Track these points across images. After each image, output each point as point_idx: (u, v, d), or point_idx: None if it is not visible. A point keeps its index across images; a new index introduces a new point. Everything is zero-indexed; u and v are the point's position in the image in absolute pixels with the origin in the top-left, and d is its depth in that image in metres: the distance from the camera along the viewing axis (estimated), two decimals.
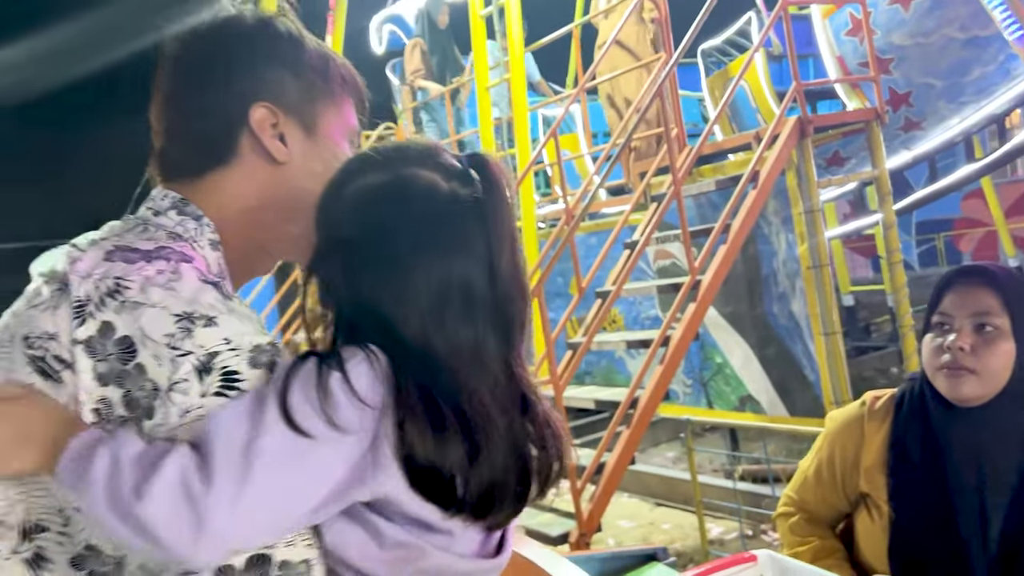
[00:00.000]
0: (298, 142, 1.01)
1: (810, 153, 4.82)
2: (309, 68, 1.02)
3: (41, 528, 0.82)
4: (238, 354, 0.82)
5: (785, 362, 5.07)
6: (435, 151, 0.94)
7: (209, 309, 0.83)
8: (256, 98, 0.98)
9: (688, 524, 5.08)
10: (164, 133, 1.02)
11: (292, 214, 1.01)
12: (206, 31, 1.01)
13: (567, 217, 4.89)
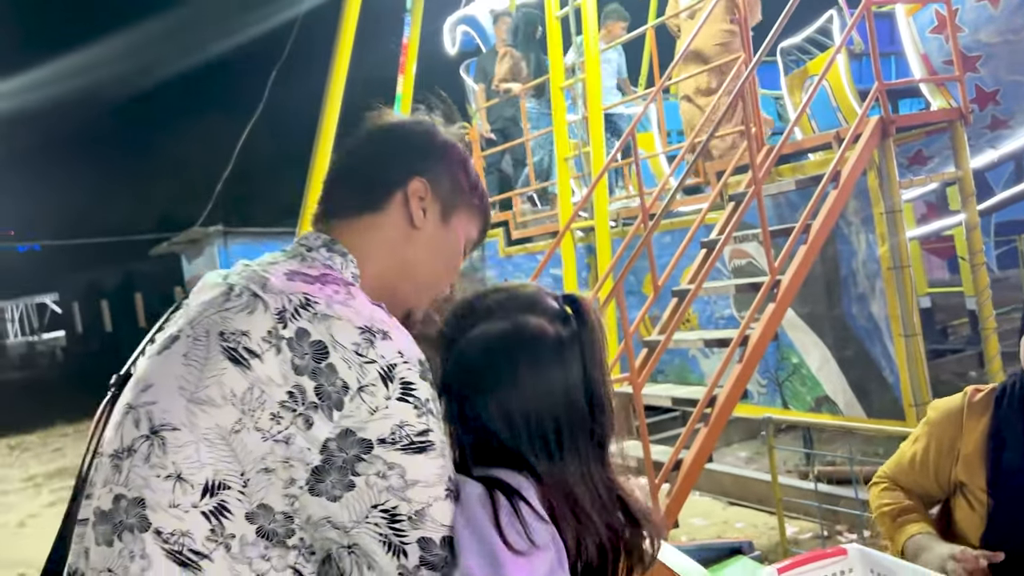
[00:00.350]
0: (432, 221, 1.25)
1: (892, 153, 4.79)
2: (463, 181, 1.30)
3: (224, 485, 0.98)
4: (411, 367, 1.02)
5: (864, 363, 5.03)
6: (539, 297, 1.18)
7: (383, 324, 1.04)
8: (420, 174, 1.24)
9: (762, 523, 5.09)
10: (339, 174, 1.28)
11: (408, 274, 1.24)
12: (415, 122, 1.30)
13: (643, 216, 4.94)
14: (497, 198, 9.11)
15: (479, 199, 1.32)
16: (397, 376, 1.00)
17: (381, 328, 1.03)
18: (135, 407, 1.04)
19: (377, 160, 1.25)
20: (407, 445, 0.99)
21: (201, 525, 0.97)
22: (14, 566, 6.18)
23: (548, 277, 7.69)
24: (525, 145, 8.64)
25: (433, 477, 1.00)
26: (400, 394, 1.00)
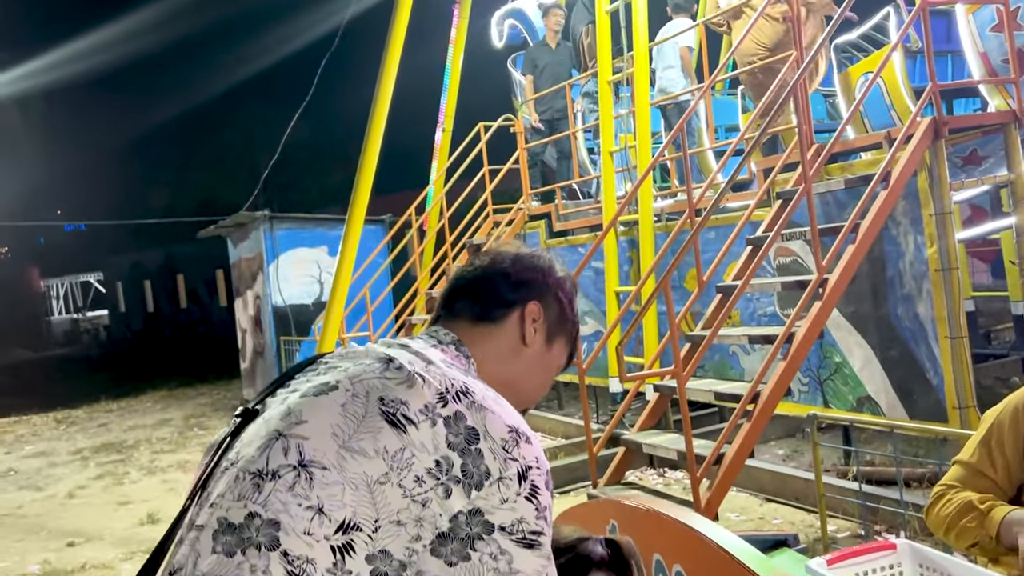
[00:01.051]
0: (540, 342, 1.41)
1: (943, 155, 4.77)
2: (568, 313, 1.47)
3: (357, 527, 1.08)
4: (541, 474, 1.15)
5: (908, 364, 5.03)
6: (595, 553, 1.34)
7: (526, 429, 1.18)
8: (537, 299, 1.41)
9: (799, 521, 5.10)
10: (467, 284, 1.42)
11: (511, 383, 1.36)
12: (538, 256, 1.47)
13: (690, 212, 4.97)
14: (541, 190, 9.18)
15: (575, 331, 1.49)
16: (530, 478, 1.13)
17: (526, 433, 1.16)
18: (286, 436, 1.13)
19: (504, 280, 1.40)
20: (521, 539, 1.10)
21: (327, 557, 1.06)
22: (63, 536, 6.38)
23: (590, 270, 7.74)
24: (571, 139, 8.68)
25: (532, 571, 1.10)
26: (528, 494, 1.12)
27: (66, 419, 12.72)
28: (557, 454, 6.85)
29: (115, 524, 6.58)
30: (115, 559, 5.68)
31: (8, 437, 11.74)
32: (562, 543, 1.37)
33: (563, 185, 8.88)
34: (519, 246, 1.49)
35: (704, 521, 1.73)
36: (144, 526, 6.39)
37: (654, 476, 6.32)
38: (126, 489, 7.73)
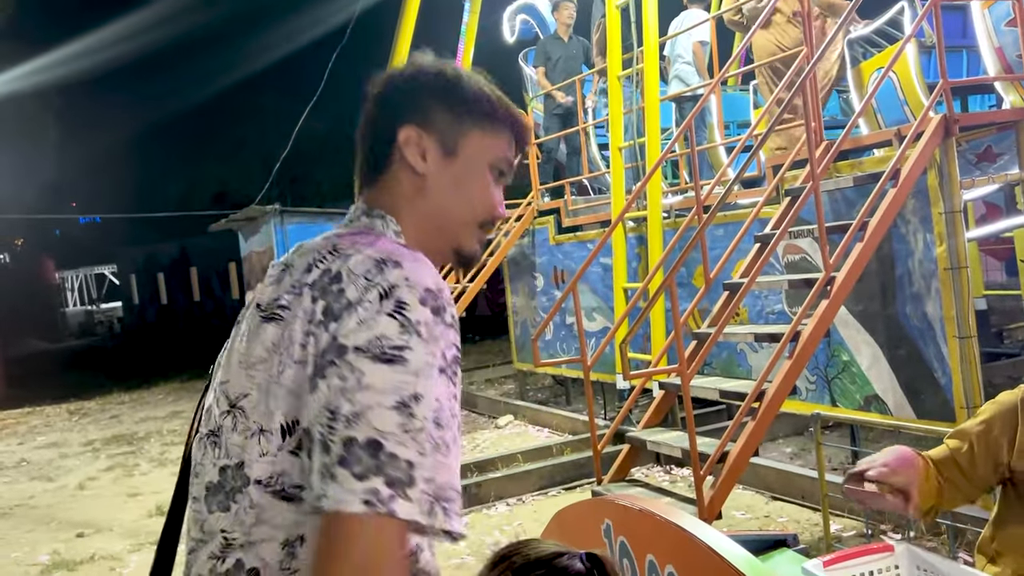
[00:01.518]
0: (436, 161, 1.25)
1: (954, 153, 4.73)
2: (459, 104, 1.26)
3: (297, 422, 1.09)
4: (412, 290, 1.06)
5: (916, 364, 4.99)
6: (572, 568, 1.24)
7: (398, 256, 1.10)
8: (404, 123, 1.24)
9: (804, 519, 5.08)
10: (357, 147, 1.31)
11: (437, 219, 1.26)
12: (388, 75, 1.30)
13: (698, 208, 4.95)
14: (550, 185, 9.16)
15: (491, 110, 1.27)
16: (394, 295, 1.04)
17: (395, 259, 1.08)
18: (217, 389, 1.19)
19: (367, 124, 1.28)
20: (377, 355, 1.01)
21: (293, 464, 1.09)
22: (73, 527, 6.43)
23: (598, 267, 7.72)
24: (580, 134, 8.66)
25: (387, 386, 1.00)
26: (391, 310, 1.03)
27: (78, 410, 12.82)
28: (563, 450, 6.85)
29: (124, 515, 6.63)
30: (124, 550, 5.73)
31: (21, 428, 11.84)
32: (538, 556, 1.31)
33: (572, 181, 8.86)
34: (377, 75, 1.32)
35: (696, 522, 1.72)
36: (153, 518, 6.43)
37: (660, 473, 6.31)
38: (136, 481, 7.78)
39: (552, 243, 8.81)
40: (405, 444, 0.98)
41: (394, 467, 0.98)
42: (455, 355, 1.08)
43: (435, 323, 1.05)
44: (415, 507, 0.97)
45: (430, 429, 1.00)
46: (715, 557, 1.59)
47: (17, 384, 16.26)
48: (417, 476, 0.98)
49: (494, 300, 15.70)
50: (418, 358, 1.02)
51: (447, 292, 1.11)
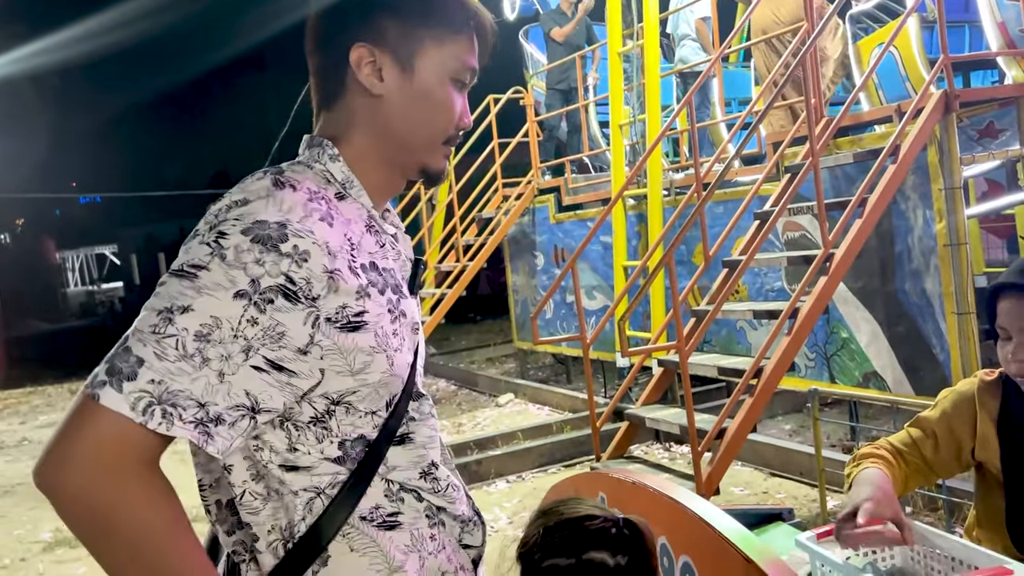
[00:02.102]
0: (392, 78, 1.18)
1: (954, 129, 4.71)
2: (410, 16, 1.19)
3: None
4: (238, 223, 1.04)
5: (915, 340, 4.99)
6: (605, 531, 1.27)
7: (250, 193, 1.08)
8: (354, 41, 1.17)
9: (802, 495, 5.10)
10: (310, 71, 1.25)
11: (397, 139, 1.21)
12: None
13: (697, 186, 4.93)
14: (551, 163, 9.13)
15: (446, 16, 1.20)
16: (218, 227, 1.04)
17: (244, 197, 1.07)
18: None
19: (315, 49, 1.22)
20: (176, 272, 1.03)
21: None
22: None
23: (598, 244, 7.71)
24: (581, 111, 8.62)
25: (166, 294, 1.01)
26: (207, 239, 1.04)
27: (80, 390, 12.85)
28: (563, 428, 6.87)
29: None
30: None
31: (23, 407, 11.88)
32: (572, 517, 1.31)
33: (573, 159, 8.83)
34: None
35: (690, 495, 1.72)
36: None
37: (660, 450, 6.33)
38: None
39: (552, 221, 8.79)
40: (145, 343, 0.99)
41: (123, 359, 0.98)
42: (280, 284, 1.03)
43: (250, 249, 1.03)
44: (123, 400, 0.96)
45: (184, 338, 0.99)
46: (708, 529, 1.60)
47: (18, 364, 16.30)
48: (142, 374, 0.97)
49: (495, 279, 15.68)
50: (210, 277, 1.02)
51: (301, 224, 1.06)
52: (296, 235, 1.05)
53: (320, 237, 1.07)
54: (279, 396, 1.05)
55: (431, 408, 1.24)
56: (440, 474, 1.22)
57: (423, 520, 1.18)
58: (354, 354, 1.09)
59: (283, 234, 1.04)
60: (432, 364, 10.89)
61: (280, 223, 1.04)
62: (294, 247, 1.04)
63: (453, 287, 8.57)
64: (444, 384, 10.12)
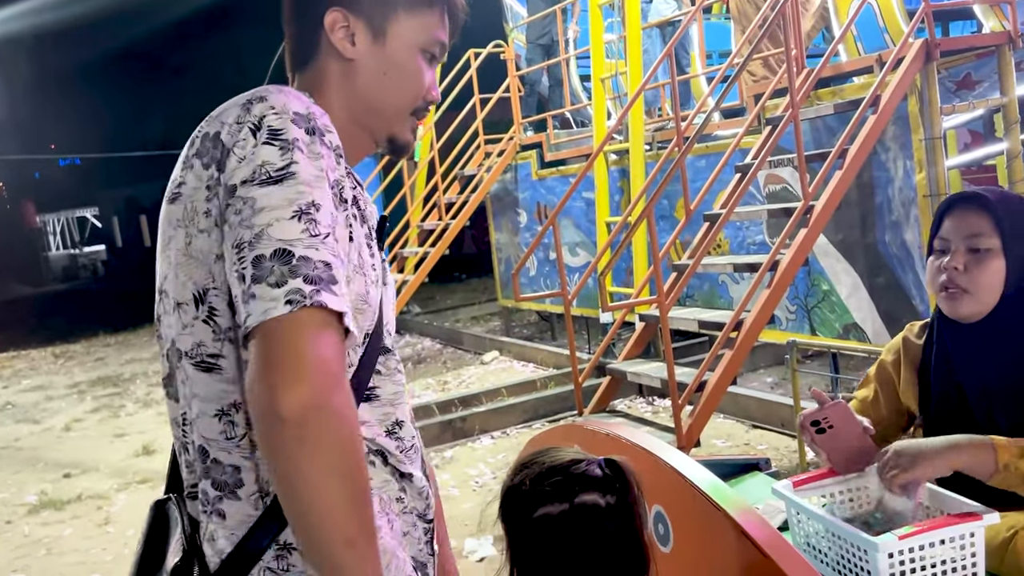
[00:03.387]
0: (365, 45, 1.20)
1: (935, 78, 4.68)
2: None
3: (206, 289, 1.09)
4: (280, 116, 1.05)
5: (894, 292, 5.02)
6: (591, 473, 1.29)
7: (264, 92, 1.08)
8: (331, 5, 1.19)
9: (783, 446, 5.16)
10: (286, 33, 1.27)
11: (367, 106, 1.23)
12: None
13: (678, 139, 4.90)
14: (533, 118, 9.05)
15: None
16: (265, 125, 1.04)
17: (259, 95, 1.07)
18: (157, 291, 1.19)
19: (292, 19, 1.24)
20: (264, 180, 1.01)
21: (206, 331, 1.09)
22: (60, 467, 6.47)
23: (581, 200, 7.68)
24: (562, 65, 8.52)
25: (281, 201, 1.00)
26: (266, 139, 1.03)
27: (64, 354, 12.80)
28: (547, 384, 6.90)
29: (111, 456, 6.66)
30: (110, 489, 5.77)
31: (6, 372, 11.83)
32: (556, 463, 1.33)
33: (555, 114, 8.75)
34: None
35: (662, 445, 1.72)
36: (139, 457, 6.47)
37: (643, 404, 6.37)
38: (122, 422, 7.81)
39: (535, 178, 8.74)
40: (316, 247, 0.98)
41: (310, 267, 0.97)
42: (336, 179, 1.07)
43: (312, 141, 1.05)
44: (342, 301, 0.98)
45: (333, 234, 1.01)
46: (679, 479, 1.60)
47: (1, 328, 16.20)
48: (338, 275, 0.99)
49: (480, 238, 15.64)
50: (306, 171, 1.02)
51: (323, 118, 1.09)
52: (327, 129, 1.09)
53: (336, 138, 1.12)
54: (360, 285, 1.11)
55: (397, 364, 1.24)
56: (404, 433, 1.22)
57: (393, 484, 1.20)
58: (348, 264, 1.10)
59: (321, 126, 1.08)
60: (417, 323, 10.90)
61: (312, 114, 1.08)
62: (332, 143, 1.09)
63: (436, 245, 8.54)
64: (429, 343, 10.12)
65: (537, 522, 1.29)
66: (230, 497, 1.10)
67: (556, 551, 1.28)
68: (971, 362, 1.80)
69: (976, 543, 1.72)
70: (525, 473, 1.34)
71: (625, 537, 1.29)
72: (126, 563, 4.50)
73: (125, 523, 5.06)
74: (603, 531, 1.27)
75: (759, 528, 1.44)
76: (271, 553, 1.09)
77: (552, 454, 1.36)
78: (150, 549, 1.22)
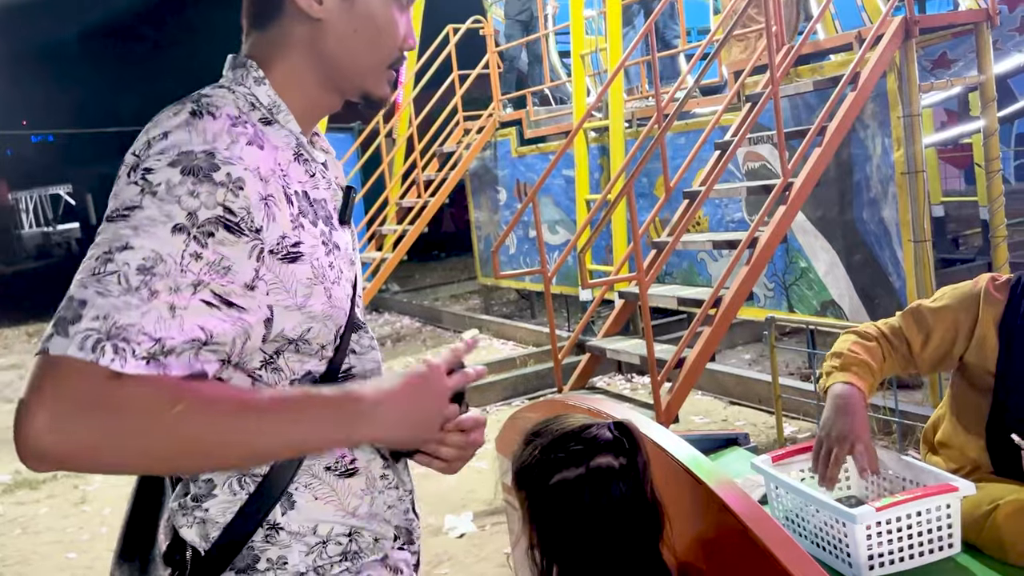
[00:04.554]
0: (334, 1, 1.13)
1: (913, 55, 4.69)
2: None
3: None
4: (161, 157, 1.00)
5: (871, 268, 5.05)
6: (602, 437, 1.37)
7: (170, 125, 1.02)
8: None
9: (761, 422, 5.19)
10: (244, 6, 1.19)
11: (339, 65, 1.16)
12: None
13: (657, 116, 4.88)
14: (512, 95, 9.00)
15: None
16: (143, 164, 1.00)
17: (164, 130, 1.02)
18: None
19: None
20: (111, 217, 0.99)
21: None
22: None
23: (560, 178, 7.66)
24: (541, 41, 8.47)
25: (104, 240, 0.98)
26: (136, 179, 1.00)
27: (38, 332, 12.66)
28: (527, 362, 6.90)
29: None
30: None
31: None
32: (568, 430, 1.39)
33: (534, 91, 8.71)
34: None
35: (644, 420, 1.72)
36: None
37: (622, 381, 6.40)
38: None
39: (514, 155, 8.71)
40: (86, 286, 0.95)
41: (67, 308, 0.95)
42: (218, 216, 0.99)
43: (182, 182, 0.99)
44: (70, 342, 0.93)
45: (126, 273, 0.95)
46: (659, 453, 1.60)
47: None
48: (85, 314, 0.94)
49: (459, 216, 15.59)
50: (144, 215, 0.98)
51: (228, 152, 1.02)
52: (226, 162, 1.00)
53: (251, 162, 1.03)
54: (231, 331, 1.01)
55: (371, 341, 1.22)
56: None
57: (377, 462, 1.19)
58: (295, 287, 1.06)
59: (213, 163, 1.00)
60: (396, 301, 10.86)
61: (207, 151, 1.00)
62: (227, 175, 1.00)
63: (415, 223, 8.49)
64: (408, 321, 10.10)
65: (555, 487, 1.35)
66: (207, 484, 1.11)
67: (575, 513, 1.34)
68: None
69: (952, 514, 1.75)
70: (538, 442, 1.40)
71: (638, 496, 1.35)
72: (102, 541, 4.48)
73: (101, 502, 5.03)
74: (618, 491, 1.34)
75: (740, 501, 1.45)
76: (260, 533, 1.11)
77: (562, 421, 1.42)
78: (137, 519, 1.22)
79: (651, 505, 1.38)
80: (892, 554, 1.73)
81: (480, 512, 4.27)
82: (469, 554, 3.88)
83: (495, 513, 4.15)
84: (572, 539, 1.36)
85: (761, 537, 1.37)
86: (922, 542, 1.74)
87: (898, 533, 1.73)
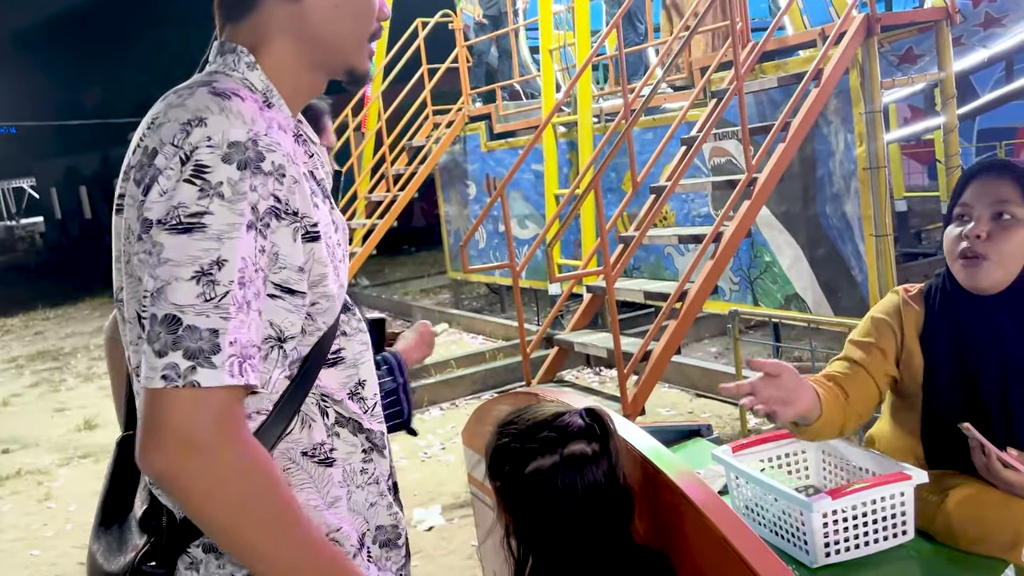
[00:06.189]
0: None
1: (875, 52, 4.77)
2: None
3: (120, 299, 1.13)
4: (213, 150, 1.00)
5: (834, 262, 5.13)
6: (574, 424, 1.40)
7: (205, 111, 1.02)
8: None
9: (727, 415, 5.26)
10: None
11: (322, 46, 1.16)
12: None
13: (624, 111, 4.92)
14: (481, 90, 9.00)
15: None
16: (194, 158, 0.99)
17: (200, 116, 1.01)
18: None
19: None
20: (174, 226, 0.97)
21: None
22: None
23: (530, 173, 7.68)
24: (510, 36, 8.48)
25: (184, 257, 0.97)
26: (189, 175, 0.98)
27: (1, 328, 12.48)
28: (496, 356, 6.93)
29: (51, 431, 6.54)
30: (51, 464, 5.66)
31: None
32: (540, 419, 1.41)
33: (504, 85, 8.71)
34: None
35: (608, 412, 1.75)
36: (81, 432, 6.36)
37: (590, 374, 6.44)
38: (62, 396, 7.66)
39: (484, 150, 8.71)
40: (206, 314, 0.96)
41: (193, 339, 0.96)
42: (271, 206, 1.02)
43: (242, 178, 1.00)
44: (222, 372, 0.96)
45: (235, 292, 0.97)
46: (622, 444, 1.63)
47: None
48: (222, 342, 0.96)
49: (429, 211, 15.56)
50: (219, 221, 0.98)
51: (268, 137, 1.03)
52: (268, 149, 1.03)
53: (285, 147, 1.06)
54: (297, 320, 1.06)
55: (359, 322, 1.24)
56: (367, 392, 1.23)
57: (357, 455, 1.20)
58: (313, 265, 1.09)
59: (259, 152, 1.02)
60: (366, 296, 10.83)
61: (252, 139, 1.02)
62: (272, 163, 1.03)
63: (384, 218, 8.47)
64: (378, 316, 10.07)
65: (529, 476, 1.36)
66: None
67: (550, 501, 1.35)
68: (986, 337, 1.73)
69: (906, 502, 1.79)
70: (510, 431, 1.41)
71: (611, 480, 1.38)
72: (67, 539, 4.44)
73: (67, 498, 4.98)
74: (592, 477, 1.36)
75: (698, 491, 1.48)
76: None
77: (533, 411, 1.44)
78: (116, 487, 1.23)
79: (623, 489, 1.41)
80: (848, 541, 1.77)
81: (448, 505, 4.29)
82: (438, 547, 3.90)
83: (463, 506, 4.18)
84: (548, 527, 1.38)
85: (720, 527, 1.40)
86: (877, 529, 1.78)
87: (854, 521, 1.76)
